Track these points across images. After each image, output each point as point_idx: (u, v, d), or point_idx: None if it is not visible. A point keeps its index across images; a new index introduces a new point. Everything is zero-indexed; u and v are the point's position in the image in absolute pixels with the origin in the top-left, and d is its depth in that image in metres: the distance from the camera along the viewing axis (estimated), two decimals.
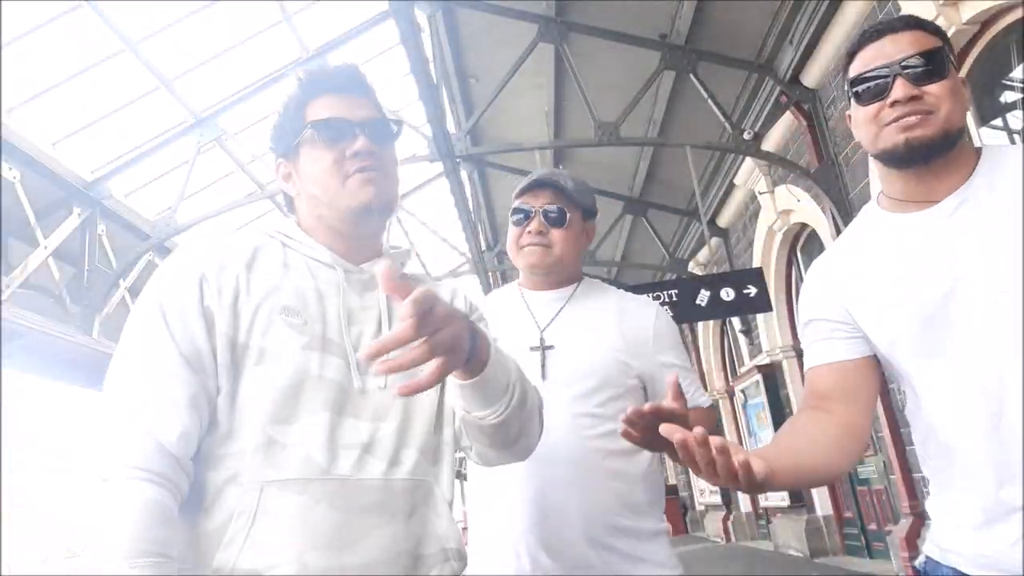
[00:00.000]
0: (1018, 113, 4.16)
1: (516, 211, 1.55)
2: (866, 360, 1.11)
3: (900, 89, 1.02)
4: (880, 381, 1.14)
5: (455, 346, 0.82)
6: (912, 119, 1.01)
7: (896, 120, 1.02)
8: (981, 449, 0.98)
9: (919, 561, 1.12)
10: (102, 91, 5.94)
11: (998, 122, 4.33)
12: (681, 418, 0.88)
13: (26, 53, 5.36)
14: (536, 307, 1.54)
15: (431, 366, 0.80)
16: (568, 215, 1.52)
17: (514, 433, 1.01)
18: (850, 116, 1.13)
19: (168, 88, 6.13)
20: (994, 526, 0.96)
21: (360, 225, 1.02)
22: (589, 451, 1.36)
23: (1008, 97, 4.26)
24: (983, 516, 0.98)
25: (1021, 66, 4.02)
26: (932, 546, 1.08)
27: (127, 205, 6.91)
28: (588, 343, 1.40)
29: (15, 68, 5.29)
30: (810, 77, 5.68)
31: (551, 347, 1.45)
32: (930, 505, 1.12)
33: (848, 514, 7.03)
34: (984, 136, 4.29)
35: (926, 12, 4.12)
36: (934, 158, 1.03)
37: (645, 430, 0.89)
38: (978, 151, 1.08)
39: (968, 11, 3.97)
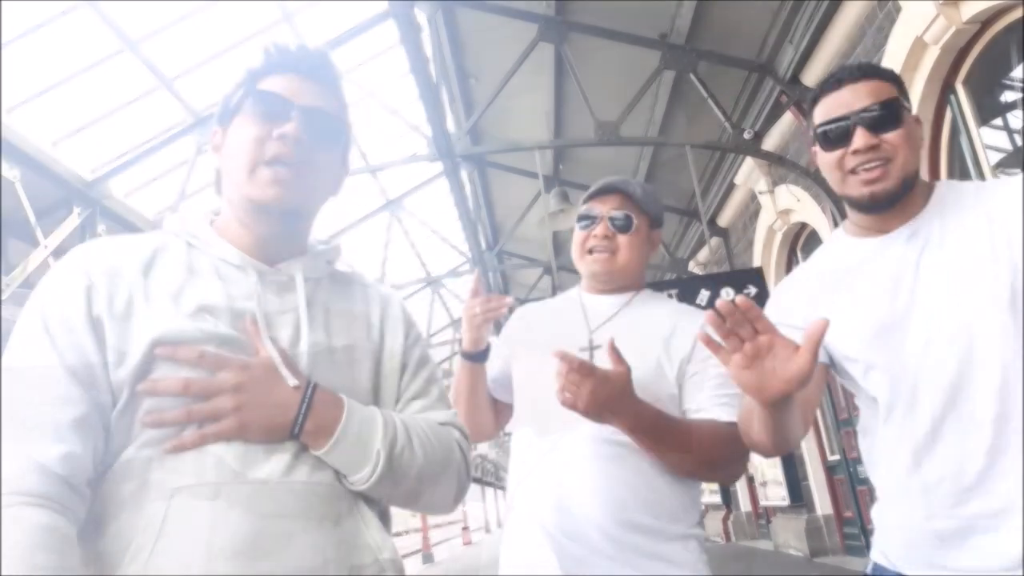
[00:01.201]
0: (1018, 113, 4.16)
1: (582, 217, 1.53)
2: (820, 365, 1.19)
3: (860, 139, 1.12)
4: (823, 388, 1.29)
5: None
6: (875, 172, 1.13)
7: (857, 168, 1.14)
8: (911, 477, 1.08)
9: (869, 568, 1.19)
10: (102, 91, 5.94)
11: (998, 122, 4.33)
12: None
13: (26, 53, 5.36)
14: (592, 309, 1.53)
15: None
16: (635, 221, 1.50)
17: (402, 495, 0.93)
18: (816, 155, 1.22)
19: (168, 88, 6.13)
20: (925, 547, 1.06)
21: (259, 223, 0.93)
22: (615, 447, 1.35)
23: (1008, 97, 4.26)
24: (917, 535, 1.07)
25: (1021, 66, 4.02)
26: (878, 552, 1.17)
27: (127, 205, 6.91)
28: (633, 347, 1.37)
29: (15, 67, 5.29)
30: (810, 77, 5.68)
31: (598, 347, 1.44)
32: (874, 513, 1.19)
33: (848, 514, 7.03)
34: (984, 136, 4.30)
35: (926, 12, 4.12)
36: (895, 204, 1.16)
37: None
38: (931, 186, 1.20)
39: (968, 10, 3.97)
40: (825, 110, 1.17)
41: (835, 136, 1.15)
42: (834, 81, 1.18)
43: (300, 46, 0.99)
